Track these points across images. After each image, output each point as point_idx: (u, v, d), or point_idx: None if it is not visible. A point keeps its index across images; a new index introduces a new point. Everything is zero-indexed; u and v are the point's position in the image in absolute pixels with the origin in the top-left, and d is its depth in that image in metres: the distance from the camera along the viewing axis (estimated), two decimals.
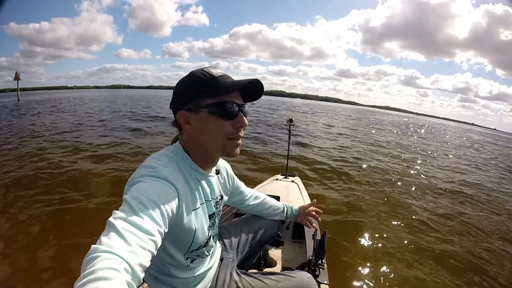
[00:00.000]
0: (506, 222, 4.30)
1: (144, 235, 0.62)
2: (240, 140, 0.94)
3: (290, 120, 3.07)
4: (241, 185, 1.37)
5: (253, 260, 1.62)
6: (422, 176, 6.57)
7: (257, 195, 1.47)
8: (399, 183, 5.64)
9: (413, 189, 5.34)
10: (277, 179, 3.01)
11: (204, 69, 0.91)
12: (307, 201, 2.52)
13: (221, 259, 1.27)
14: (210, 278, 1.12)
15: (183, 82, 0.92)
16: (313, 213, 1.59)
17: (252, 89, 0.94)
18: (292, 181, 2.93)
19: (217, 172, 1.11)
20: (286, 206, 1.58)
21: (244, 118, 0.92)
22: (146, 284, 1.04)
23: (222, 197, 1.16)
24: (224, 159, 1.21)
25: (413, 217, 3.97)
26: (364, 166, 7.07)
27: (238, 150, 0.95)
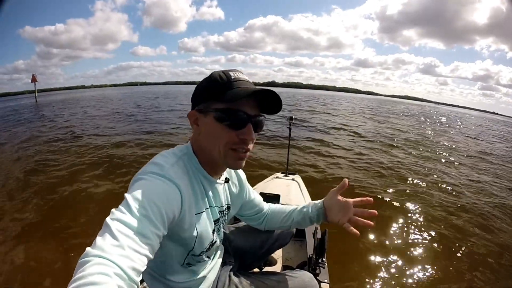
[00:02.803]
0: None
1: (140, 238, 0.59)
2: (246, 153, 0.87)
3: (291, 118, 3.00)
4: (255, 197, 1.23)
5: (257, 265, 1.56)
6: (434, 175, 6.11)
7: (273, 209, 1.28)
8: (407, 181, 5.41)
9: (419, 188, 5.10)
10: (277, 177, 2.96)
11: (224, 71, 0.85)
12: (308, 199, 2.45)
13: (224, 262, 1.22)
14: (210, 282, 1.08)
15: (202, 81, 0.88)
16: (358, 214, 1.10)
17: (268, 99, 0.85)
18: (293, 179, 2.89)
19: (227, 180, 1.03)
20: (303, 211, 1.19)
21: (252, 131, 0.84)
22: (145, 284, 1.04)
23: (229, 207, 1.09)
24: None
25: (417, 216, 3.86)
26: (370, 162, 6.84)
27: (242, 162, 0.88)
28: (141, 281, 1.06)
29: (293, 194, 2.49)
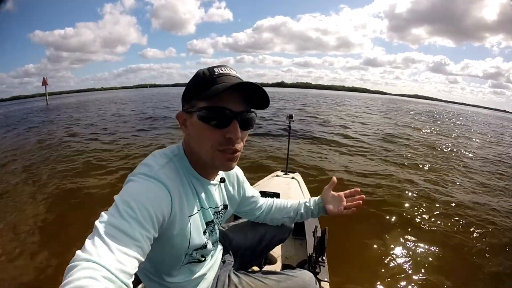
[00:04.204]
0: None
1: (129, 241, 0.58)
2: (235, 153, 0.81)
3: (290, 116, 2.97)
4: (253, 193, 1.24)
5: (257, 262, 1.55)
6: (438, 173, 5.95)
7: (270, 203, 1.31)
8: (408, 178, 5.32)
9: (425, 187, 4.94)
10: (277, 176, 2.93)
11: (210, 67, 0.81)
12: (308, 197, 2.42)
13: (223, 262, 1.21)
14: (209, 281, 1.07)
15: (189, 80, 0.84)
16: (347, 199, 1.30)
17: (255, 94, 0.79)
18: (293, 178, 2.86)
19: (222, 180, 1.01)
20: (306, 205, 1.31)
21: (238, 128, 0.78)
22: (144, 286, 1.04)
23: (226, 207, 1.07)
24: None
25: (419, 212, 3.80)
26: (372, 158, 6.80)
27: (232, 163, 0.83)
28: (140, 283, 1.06)
29: (293, 193, 2.46)
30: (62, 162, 5.95)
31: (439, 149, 8.66)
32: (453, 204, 4.19)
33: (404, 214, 3.73)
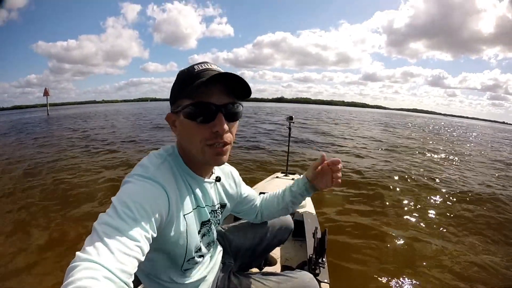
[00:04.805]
0: None
1: (128, 241, 0.58)
2: (224, 147, 0.81)
3: (290, 118, 3.00)
4: (249, 192, 1.23)
5: (257, 263, 1.53)
6: (428, 177, 5.93)
7: (265, 198, 1.30)
8: (407, 181, 5.34)
9: (419, 188, 4.99)
10: (277, 177, 2.93)
11: (190, 66, 0.82)
12: (308, 199, 2.39)
13: (223, 263, 1.20)
14: (209, 283, 1.05)
15: (174, 82, 0.84)
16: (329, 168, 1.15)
17: (235, 84, 0.79)
18: (293, 179, 2.84)
19: (218, 179, 1.01)
20: (292, 190, 1.22)
21: (223, 121, 0.78)
22: (144, 286, 1.03)
23: (223, 206, 1.07)
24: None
25: (420, 213, 3.78)
26: (374, 161, 6.83)
27: (222, 157, 0.82)
28: (140, 283, 1.05)
29: None
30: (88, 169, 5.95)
31: (439, 155, 8.86)
32: (456, 204, 4.22)
33: (406, 214, 3.73)
